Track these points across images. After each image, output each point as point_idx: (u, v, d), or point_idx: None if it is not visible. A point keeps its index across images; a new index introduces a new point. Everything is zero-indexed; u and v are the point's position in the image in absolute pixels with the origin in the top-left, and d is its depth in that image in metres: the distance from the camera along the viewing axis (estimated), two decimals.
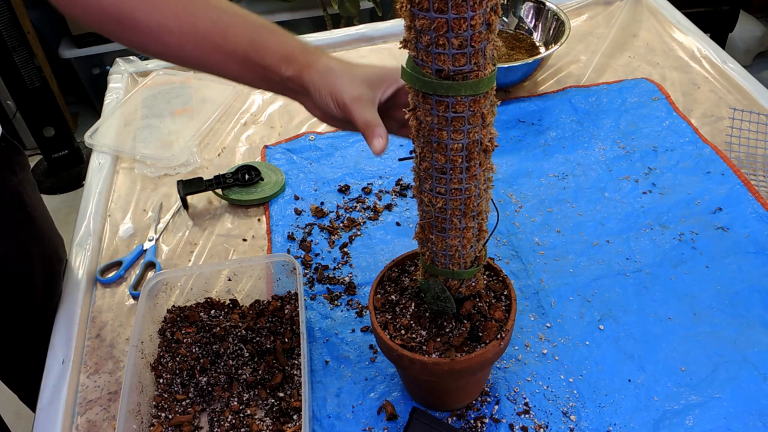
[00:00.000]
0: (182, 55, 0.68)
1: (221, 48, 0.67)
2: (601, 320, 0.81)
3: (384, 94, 0.68)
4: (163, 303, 0.83)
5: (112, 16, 0.65)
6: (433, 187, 0.58)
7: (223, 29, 0.66)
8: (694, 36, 1.29)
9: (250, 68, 0.68)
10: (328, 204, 1.01)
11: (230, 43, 0.67)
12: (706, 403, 0.72)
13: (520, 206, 0.98)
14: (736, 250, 0.88)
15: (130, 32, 0.67)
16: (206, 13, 0.66)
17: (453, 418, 0.72)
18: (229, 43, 0.67)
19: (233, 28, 0.67)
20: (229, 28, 0.66)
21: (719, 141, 1.05)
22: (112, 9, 0.65)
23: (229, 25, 0.67)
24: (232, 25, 0.67)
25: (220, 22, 0.66)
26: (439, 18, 0.46)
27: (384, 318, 0.68)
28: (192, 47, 0.67)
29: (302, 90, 0.68)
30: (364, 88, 0.66)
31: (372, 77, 0.67)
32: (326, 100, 0.66)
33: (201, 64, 0.69)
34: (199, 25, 0.66)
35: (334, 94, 0.66)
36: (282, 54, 0.67)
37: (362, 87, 0.66)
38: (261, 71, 0.68)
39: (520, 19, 1.27)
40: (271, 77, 0.68)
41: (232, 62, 0.68)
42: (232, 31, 0.66)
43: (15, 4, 2.18)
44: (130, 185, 1.08)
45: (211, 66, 0.69)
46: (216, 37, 0.66)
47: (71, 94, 2.76)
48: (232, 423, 0.73)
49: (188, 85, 1.26)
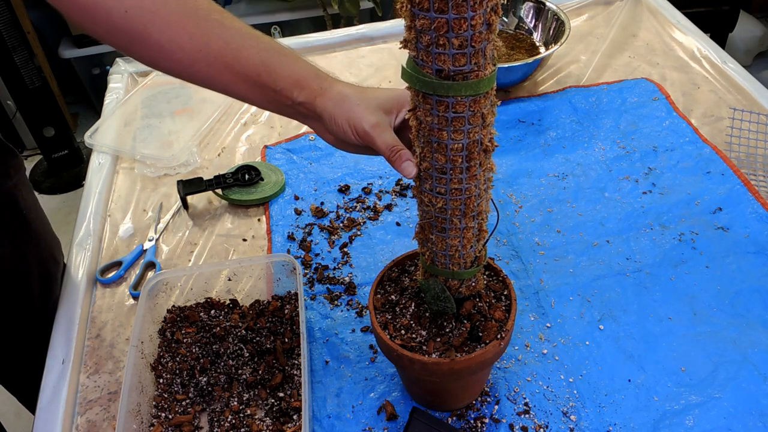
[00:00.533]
0: (192, 72, 0.67)
1: (233, 69, 0.66)
2: (601, 320, 0.81)
3: (398, 118, 0.68)
4: (163, 303, 0.83)
5: (122, 30, 0.64)
6: (433, 187, 0.58)
7: (236, 50, 0.65)
8: (694, 36, 1.29)
9: (261, 91, 0.67)
10: (328, 204, 1.01)
11: (242, 64, 0.66)
12: (706, 403, 0.72)
13: (520, 206, 0.98)
14: (736, 250, 0.88)
15: (140, 47, 0.66)
16: (220, 33, 0.65)
17: (453, 418, 0.72)
18: (240, 65, 0.66)
19: (246, 50, 0.66)
20: (242, 50, 0.66)
21: (719, 141, 1.05)
22: (122, 24, 0.64)
23: (242, 46, 0.66)
24: (245, 47, 0.66)
25: (233, 43, 0.66)
26: (439, 18, 0.46)
27: (384, 318, 0.68)
28: (203, 66, 0.66)
29: (314, 116, 0.68)
30: (380, 114, 0.66)
31: (386, 102, 0.67)
32: (343, 128, 0.66)
33: (211, 83, 0.68)
34: (211, 45, 0.65)
35: (352, 122, 0.66)
36: (294, 78, 0.66)
37: (379, 113, 0.66)
38: (272, 95, 0.67)
39: (520, 19, 1.27)
40: (282, 101, 0.68)
41: (243, 84, 0.67)
42: (244, 54, 0.66)
43: (15, 4, 2.18)
44: (130, 185, 1.08)
45: (221, 86, 0.68)
46: (228, 57, 0.65)
47: (71, 94, 2.76)
48: (232, 423, 0.73)
49: (188, 85, 1.26)
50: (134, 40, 0.65)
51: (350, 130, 0.66)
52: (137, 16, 0.63)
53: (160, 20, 0.64)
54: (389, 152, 0.64)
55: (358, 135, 0.66)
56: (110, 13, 0.63)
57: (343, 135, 0.67)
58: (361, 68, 1.29)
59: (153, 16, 0.64)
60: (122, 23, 0.63)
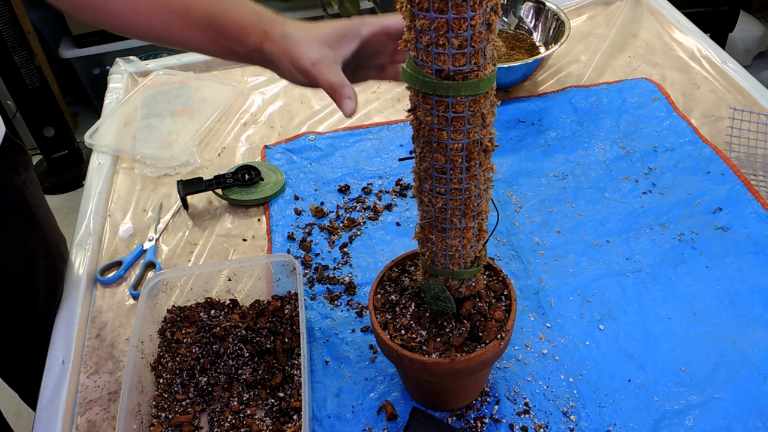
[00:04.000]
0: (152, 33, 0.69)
1: (186, 23, 0.66)
2: (601, 320, 0.81)
3: (347, 51, 0.66)
4: (163, 303, 0.83)
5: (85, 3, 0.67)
6: (433, 187, 0.58)
7: (185, 4, 0.66)
8: (694, 36, 1.29)
9: (216, 41, 0.67)
10: (328, 204, 1.01)
11: (193, 17, 0.66)
12: (706, 403, 0.72)
13: (520, 206, 0.98)
14: (736, 250, 0.88)
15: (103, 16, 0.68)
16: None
17: (453, 418, 0.72)
18: (191, 18, 0.66)
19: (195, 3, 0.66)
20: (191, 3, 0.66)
21: (719, 141, 1.05)
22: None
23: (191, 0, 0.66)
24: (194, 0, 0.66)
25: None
26: (439, 18, 0.46)
27: (384, 318, 0.68)
28: (159, 25, 0.67)
29: (267, 61, 0.67)
30: (323, 49, 0.64)
31: (331, 36, 0.65)
32: (288, 69, 0.65)
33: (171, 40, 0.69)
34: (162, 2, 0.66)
35: (294, 61, 0.64)
36: (241, 25, 0.66)
37: (322, 48, 0.64)
38: (225, 43, 0.67)
39: (520, 19, 1.27)
40: (235, 50, 0.67)
41: (199, 37, 0.67)
42: (194, 6, 0.66)
43: (15, 4, 2.18)
44: (130, 185, 1.08)
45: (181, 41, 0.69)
46: (180, 12, 0.66)
47: (71, 94, 2.76)
48: (232, 423, 0.73)
49: (188, 85, 1.26)
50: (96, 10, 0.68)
51: (294, 70, 0.65)
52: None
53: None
54: (330, 90, 0.63)
55: (301, 73, 0.65)
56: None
57: (291, 76, 0.66)
58: None
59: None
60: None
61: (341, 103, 0.63)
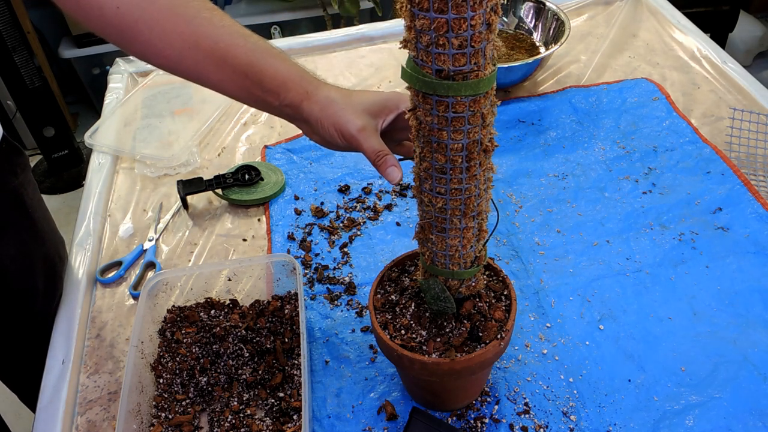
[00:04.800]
0: (182, 69, 0.68)
1: (221, 68, 0.67)
2: (601, 320, 0.81)
3: (385, 122, 0.69)
4: (163, 303, 0.83)
5: (114, 26, 0.65)
6: (433, 187, 0.58)
7: (224, 49, 0.66)
8: (694, 36, 1.29)
9: (248, 91, 0.68)
10: (328, 204, 1.01)
11: (229, 64, 0.66)
12: (706, 403, 0.72)
13: (520, 206, 0.98)
14: (736, 250, 0.88)
15: (131, 42, 0.67)
16: (209, 32, 0.66)
17: (453, 418, 0.72)
18: (228, 64, 0.66)
19: (234, 49, 0.66)
20: (230, 49, 0.66)
21: (719, 141, 1.05)
22: (114, 20, 0.65)
23: (231, 45, 0.66)
24: (234, 46, 0.66)
25: (221, 42, 0.66)
26: (439, 18, 0.46)
27: (384, 318, 0.68)
28: (191, 63, 0.67)
29: (300, 118, 0.69)
30: (367, 117, 0.67)
31: (373, 106, 0.68)
32: (330, 132, 0.67)
33: (200, 80, 0.69)
34: (200, 43, 0.66)
35: (338, 126, 0.66)
36: (280, 80, 0.67)
37: (365, 117, 0.67)
38: (259, 95, 0.68)
39: (520, 19, 1.27)
40: (269, 102, 0.68)
41: (230, 83, 0.68)
42: (232, 53, 0.66)
43: (15, 4, 2.18)
44: (130, 185, 1.08)
45: (210, 83, 0.69)
46: (216, 56, 0.66)
47: (71, 94, 2.76)
48: (232, 423, 0.73)
49: (188, 85, 1.26)
50: (125, 35, 0.66)
51: (336, 134, 0.67)
52: (128, 12, 0.64)
53: (150, 17, 0.65)
54: (374, 157, 0.66)
55: (344, 139, 0.67)
56: (103, 9, 0.64)
57: (330, 138, 0.68)
58: (361, 68, 1.29)
59: (143, 13, 0.64)
60: (114, 19, 0.65)
61: (386, 171, 0.65)
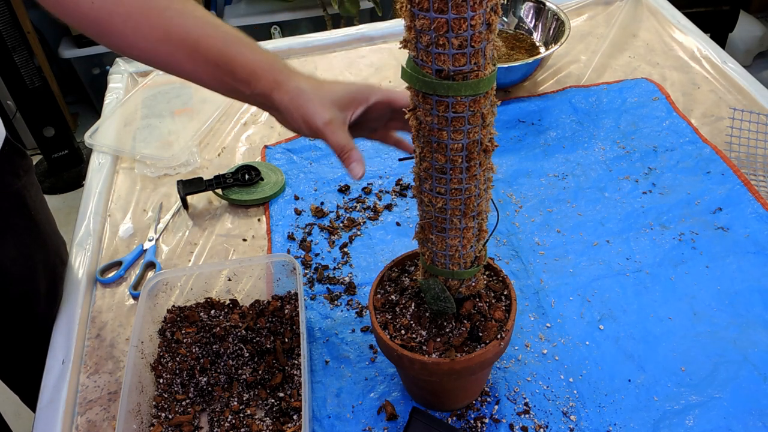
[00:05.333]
0: (156, 61, 0.69)
1: (193, 58, 0.67)
2: (601, 320, 0.81)
3: (354, 115, 0.69)
4: (163, 303, 0.83)
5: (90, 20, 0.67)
6: (433, 187, 0.58)
7: (196, 39, 0.67)
8: (694, 36, 1.29)
9: (221, 80, 0.69)
10: (328, 204, 1.01)
11: (202, 53, 0.67)
12: (706, 403, 0.72)
13: (520, 206, 0.98)
14: (736, 250, 0.88)
15: (107, 36, 0.68)
16: (180, 22, 0.67)
17: (453, 418, 0.72)
18: (200, 54, 0.67)
19: (205, 39, 0.67)
20: (202, 39, 0.67)
21: (719, 141, 1.05)
22: (90, 14, 0.66)
23: (202, 36, 0.67)
24: (205, 36, 0.67)
25: (193, 33, 0.67)
26: (439, 18, 0.46)
27: (384, 318, 0.68)
28: (165, 54, 0.68)
29: (272, 107, 0.69)
30: (334, 110, 0.67)
31: (343, 98, 0.68)
32: (298, 123, 0.68)
33: (175, 71, 0.70)
34: (172, 34, 0.67)
35: (306, 117, 0.67)
36: (250, 69, 0.67)
37: (333, 110, 0.67)
38: (231, 84, 0.68)
39: (520, 19, 1.27)
40: (241, 90, 0.69)
41: (204, 73, 0.68)
42: (204, 42, 0.67)
43: (15, 4, 2.18)
44: (130, 185, 1.08)
45: (184, 73, 0.70)
46: (188, 46, 0.67)
47: (71, 94, 2.76)
48: (232, 423, 0.73)
49: (188, 85, 1.26)
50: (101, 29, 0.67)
51: (304, 126, 0.67)
52: (103, 6, 0.65)
53: (123, 11, 0.66)
54: (339, 151, 0.67)
55: (311, 130, 0.67)
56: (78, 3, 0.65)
57: (298, 129, 0.69)
58: (361, 68, 1.29)
59: (117, 7, 0.66)
60: (90, 13, 0.66)
61: (349, 166, 0.66)
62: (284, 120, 0.70)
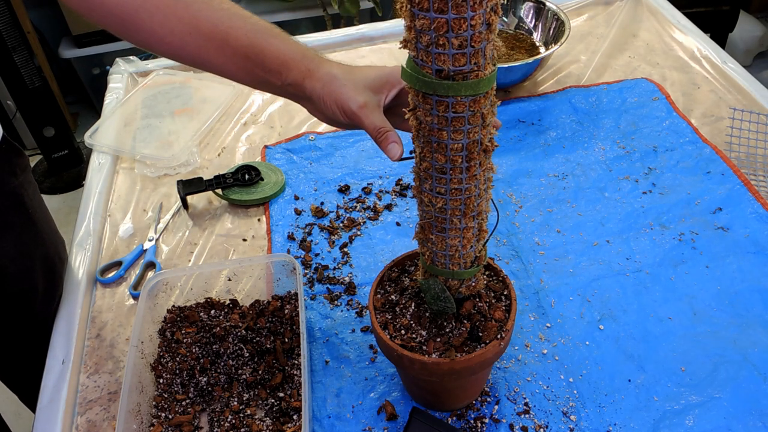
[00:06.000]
0: (184, 55, 0.69)
1: (222, 50, 0.67)
2: (601, 320, 0.81)
3: (388, 97, 0.68)
4: (163, 303, 0.83)
5: (116, 15, 0.66)
6: (433, 187, 0.58)
7: (225, 31, 0.66)
8: (694, 36, 1.29)
9: (251, 71, 0.68)
10: (328, 204, 1.01)
11: (231, 45, 0.67)
12: (706, 403, 0.72)
13: (520, 206, 0.98)
14: (736, 250, 0.88)
15: (134, 32, 0.67)
16: (208, 15, 0.67)
17: (453, 418, 0.72)
18: (230, 46, 0.67)
19: (234, 31, 0.67)
20: (231, 31, 0.67)
21: (719, 141, 1.05)
22: (116, 9, 0.65)
23: (231, 27, 0.67)
24: (234, 28, 0.67)
25: (221, 25, 0.67)
26: (439, 18, 0.46)
27: (384, 318, 0.68)
28: (194, 48, 0.67)
29: (304, 96, 0.69)
30: (368, 93, 0.66)
31: (375, 81, 0.67)
32: (332, 109, 0.67)
33: (204, 64, 0.69)
34: (201, 27, 0.66)
35: (340, 102, 0.66)
36: (282, 60, 0.67)
37: (367, 93, 0.66)
38: (262, 75, 0.68)
39: (520, 19, 1.27)
40: (272, 82, 0.68)
41: (233, 65, 0.68)
42: (233, 34, 0.67)
43: (15, 4, 2.18)
44: (130, 185, 1.08)
45: (213, 67, 0.69)
46: (217, 39, 0.67)
47: (71, 94, 2.76)
48: (232, 423, 0.73)
49: (188, 85, 1.26)
50: (127, 25, 0.67)
51: (338, 111, 0.67)
52: (128, 2, 0.65)
53: (150, 5, 0.65)
54: (375, 133, 0.65)
55: (346, 116, 0.67)
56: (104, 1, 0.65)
57: (333, 115, 0.68)
58: None
59: (143, 2, 0.65)
60: (115, 9, 0.66)
61: (386, 147, 0.65)
62: (317, 109, 0.69)
